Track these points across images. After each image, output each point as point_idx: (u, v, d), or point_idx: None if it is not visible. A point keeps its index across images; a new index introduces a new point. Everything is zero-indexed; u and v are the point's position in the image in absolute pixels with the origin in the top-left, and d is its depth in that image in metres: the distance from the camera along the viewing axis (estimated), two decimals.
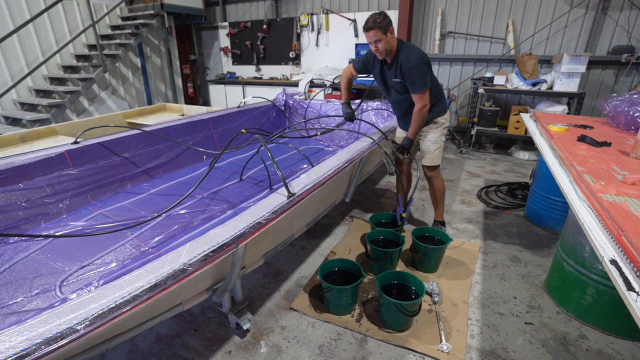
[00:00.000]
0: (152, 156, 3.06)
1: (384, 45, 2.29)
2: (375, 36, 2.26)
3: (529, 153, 5.05)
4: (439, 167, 2.72)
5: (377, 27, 2.23)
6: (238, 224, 1.37)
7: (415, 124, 2.49)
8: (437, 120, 2.61)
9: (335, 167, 2.01)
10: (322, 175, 1.87)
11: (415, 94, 2.37)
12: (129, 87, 6.75)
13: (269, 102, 4.50)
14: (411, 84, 2.35)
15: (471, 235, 2.94)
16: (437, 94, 2.57)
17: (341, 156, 2.21)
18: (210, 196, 2.83)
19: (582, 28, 4.86)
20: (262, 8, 7.09)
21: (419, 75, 2.28)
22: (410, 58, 2.29)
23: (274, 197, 1.60)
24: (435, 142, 2.64)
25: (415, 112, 2.43)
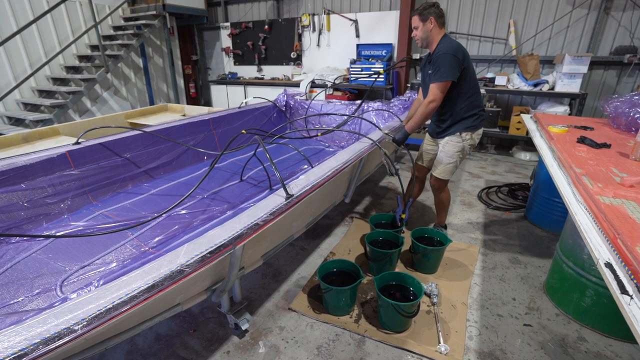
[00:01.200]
0: (153, 157, 3.07)
1: (420, 33, 2.33)
2: (414, 22, 2.35)
3: (530, 154, 5.04)
4: (447, 181, 2.64)
5: (417, 14, 2.31)
6: (236, 225, 1.38)
7: (416, 117, 2.41)
8: (462, 134, 2.46)
9: (335, 169, 2.01)
10: (321, 176, 1.88)
11: (433, 82, 2.28)
12: (131, 87, 6.78)
13: (270, 102, 4.51)
14: (434, 71, 2.27)
15: (471, 236, 2.94)
16: (473, 105, 2.41)
17: (340, 157, 2.22)
18: (211, 196, 2.84)
19: (585, 28, 4.84)
20: (263, 8, 7.10)
21: (442, 64, 2.21)
22: (443, 48, 2.26)
23: (272, 199, 1.60)
24: (451, 156, 2.52)
25: (423, 104, 2.35)
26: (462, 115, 2.44)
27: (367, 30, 6.00)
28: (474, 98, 2.45)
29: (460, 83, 2.33)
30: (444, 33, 2.37)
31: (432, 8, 2.29)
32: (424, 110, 2.35)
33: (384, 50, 5.83)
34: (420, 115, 2.39)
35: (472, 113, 2.45)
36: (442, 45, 2.29)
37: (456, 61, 2.23)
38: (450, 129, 2.50)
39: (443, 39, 2.34)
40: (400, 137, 2.54)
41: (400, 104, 4.18)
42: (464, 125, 2.46)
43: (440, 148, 2.59)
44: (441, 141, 2.58)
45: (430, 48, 2.39)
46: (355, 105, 4.49)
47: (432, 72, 2.33)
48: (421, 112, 2.38)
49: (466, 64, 2.30)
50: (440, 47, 2.30)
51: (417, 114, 2.41)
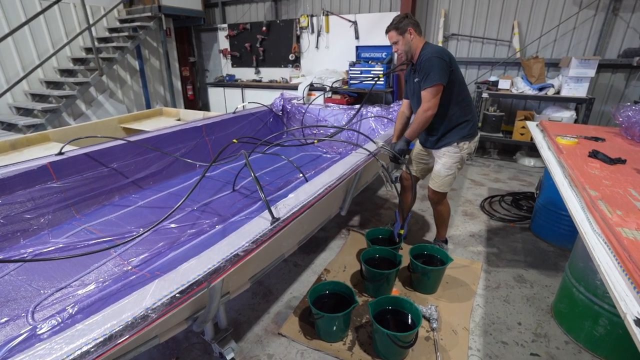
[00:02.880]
0: (141, 166, 2.95)
1: (402, 46, 2.23)
2: (392, 38, 2.26)
3: (535, 160, 4.89)
4: (446, 194, 2.52)
5: (393, 28, 2.21)
6: (213, 256, 1.25)
7: (413, 126, 2.28)
8: (460, 144, 2.34)
9: (327, 185, 1.88)
10: (313, 194, 1.75)
11: (425, 88, 2.15)
12: (127, 90, 6.67)
13: (266, 107, 4.37)
14: (423, 78, 2.16)
15: (473, 250, 2.80)
16: (465, 110, 2.30)
17: (335, 171, 2.08)
18: (201, 208, 2.72)
19: (592, 30, 4.68)
20: (261, 9, 6.97)
21: (430, 68, 2.10)
22: (428, 52, 2.15)
23: (257, 223, 1.47)
24: (449, 168, 2.38)
25: (419, 112, 2.22)
26: (456, 122, 2.32)
27: (367, 31, 5.86)
28: (466, 103, 2.33)
29: (450, 87, 2.21)
30: (424, 41, 2.27)
31: (406, 19, 2.20)
32: (421, 119, 2.23)
33: (384, 53, 5.69)
34: (417, 124, 2.27)
35: (466, 119, 2.33)
36: (426, 51, 2.19)
37: (444, 64, 2.12)
38: (446, 138, 2.36)
39: (425, 46, 2.24)
40: (401, 148, 2.39)
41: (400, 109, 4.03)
42: (460, 135, 2.33)
43: (437, 160, 2.45)
44: (437, 152, 2.45)
45: (413, 59, 2.29)
46: (354, 109, 4.36)
47: (420, 79, 2.22)
48: (418, 121, 2.25)
49: (454, 67, 2.20)
50: (424, 53, 2.19)
51: (415, 123, 2.28)
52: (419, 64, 2.19)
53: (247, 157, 1.86)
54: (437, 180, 2.46)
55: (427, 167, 2.70)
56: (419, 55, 2.23)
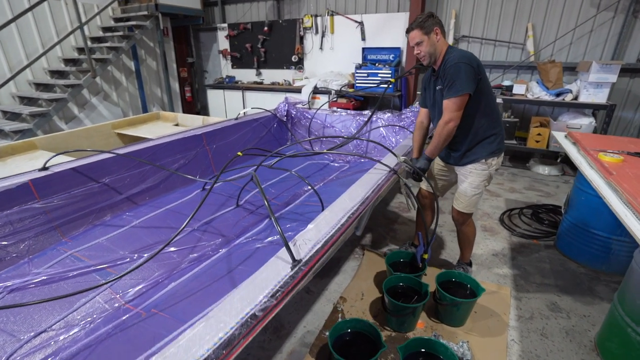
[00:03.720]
0: (136, 180, 2.70)
1: (427, 48, 1.98)
2: (415, 37, 1.98)
3: (549, 168, 4.68)
4: (471, 214, 2.29)
5: (417, 27, 1.96)
6: (225, 318, 1.00)
7: (434, 141, 2.05)
8: (488, 161, 2.11)
9: (351, 212, 1.64)
10: (335, 225, 1.51)
11: (448, 98, 1.92)
12: (122, 92, 6.39)
13: (270, 112, 4.13)
14: (447, 85, 1.92)
15: (498, 273, 2.58)
16: (492, 122, 2.08)
17: (356, 194, 1.84)
18: (202, 228, 2.47)
19: (610, 33, 4.48)
20: (262, 9, 6.72)
21: (457, 75, 1.87)
22: (454, 57, 1.92)
23: (274, 267, 1.23)
24: (476, 187, 2.17)
25: (439, 124, 1.99)
26: (482, 136, 2.09)
27: (374, 33, 5.63)
28: (494, 114, 2.10)
29: (477, 97, 1.98)
30: (447, 44, 2.04)
31: (432, 18, 1.97)
32: (442, 132, 2.00)
33: (391, 55, 5.46)
34: (438, 138, 2.04)
35: (493, 132, 2.10)
36: (451, 55, 1.95)
37: (472, 71, 1.89)
38: (471, 154, 2.13)
39: (449, 50, 2.01)
40: (423, 166, 2.17)
41: (413, 116, 3.81)
42: (488, 150, 2.10)
43: (463, 178, 2.22)
44: (462, 170, 2.22)
45: (438, 62, 2.04)
46: (363, 116, 4.12)
47: (443, 87, 1.98)
48: (439, 135, 2.02)
49: (482, 74, 1.97)
50: (448, 57, 1.95)
51: (435, 138, 2.05)
52: (443, 69, 1.96)
53: (257, 181, 1.61)
54: (462, 200, 2.23)
55: (449, 184, 2.47)
56: (442, 59, 2.01)
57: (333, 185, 3.18)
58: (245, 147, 3.78)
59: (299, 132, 4.43)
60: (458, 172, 2.27)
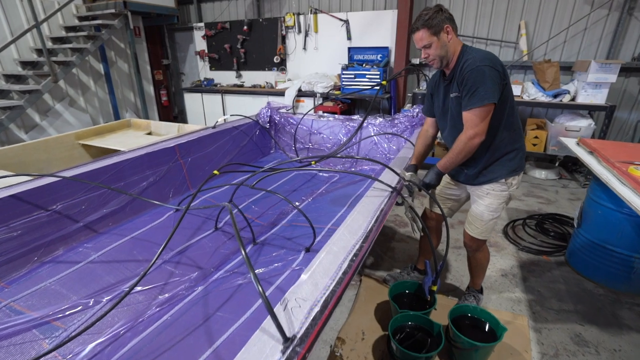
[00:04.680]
0: (96, 204, 2.31)
1: (437, 51, 1.67)
2: (422, 39, 1.67)
3: (546, 171, 4.50)
4: (486, 240, 2.02)
5: (424, 25, 1.64)
6: None
7: (451, 156, 1.73)
8: (509, 180, 1.84)
9: (354, 253, 1.33)
10: (335, 276, 1.19)
11: (470, 109, 1.62)
12: (90, 97, 5.90)
13: (251, 119, 3.78)
14: (468, 94, 1.62)
15: (511, 298, 2.32)
16: (515, 135, 1.80)
17: (356, 227, 1.52)
18: (175, 259, 2.11)
19: (604, 31, 4.34)
20: (241, 7, 6.34)
21: (480, 81, 1.57)
22: (473, 59, 1.61)
23: (257, 351, 0.90)
24: (494, 210, 1.89)
25: (461, 139, 1.68)
26: (503, 151, 1.80)
27: (360, 32, 5.35)
28: (515, 126, 1.82)
29: (501, 107, 1.69)
30: (461, 43, 1.74)
31: (441, 14, 1.65)
32: (464, 147, 1.69)
33: (379, 55, 5.19)
34: (457, 153, 1.72)
35: (515, 147, 1.83)
36: (470, 56, 1.64)
37: (497, 76, 1.59)
38: (489, 172, 1.84)
39: (465, 49, 1.71)
40: (432, 181, 1.85)
41: (407, 121, 3.53)
42: (508, 168, 1.82)
43: (478, 199, 1.93)
44: (477, 190, 1.93)
45: (448, 66, 1.75)
46: (352, 121, 3.82)
47: (462, 94, 1.67)
48: (459, 150, 1.70)
49: (507, 79, 1.68)
50: (467, 59, 1.64)
51: (454, 152, 1.73)
52: (460, 73, 1.66)
53: (232, 215, 1.28)
54: (477, 225, 1.95)
55: (458, 204, 2.19)
56: (456, 61, 1.71)
57: (323, 202, 2.87)
58: (225, 158, 3.43)
59: (283, 140, 4.10)
60: (471, 192, 1.99)
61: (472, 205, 1.97)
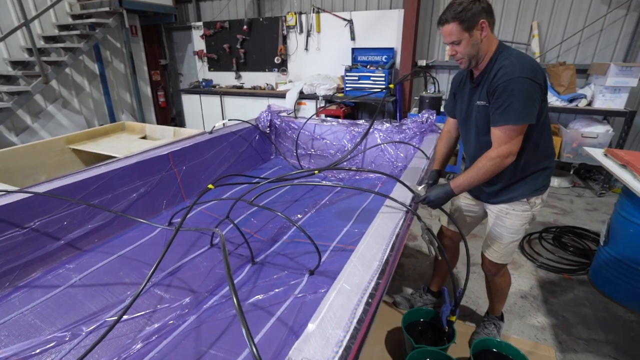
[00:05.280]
0: (79, 219, 2.11)
1: (467, 49, 1.44)
2: (451, 34, 1.43)
3: (560, 179, 4.30)
4: (507, 264, 1.83)
5: (456, 18, 1.39)
6: None
7: (473, 173, 1.50)
8: (531, 200, 1.65)
9: (369, 291, 1.12)
10: (349, 324, 0.99)
11: (501, 125, 1.41)
12: (84, 98, 5.70)
13: (250, 124, 3.57)
14: (500, 107, 1.40)
15: (534, 324, 2.12)
16: (546, 153, 1.61)
17: (370, 256, 1.32)
18: (166, 281, 1.91)
19: (622, 32, 4.13)
20: (241, 6, 6.14)
21: (517, 95, 1.35)
22: (512, 66, 1.38)
23: None
24: (516, 232, 1.70)
25: (489, 157, 1.46)
26: (530, 170, 1.60)
27: (365, 32, 5.15)
28: (548, 143, 1.62)
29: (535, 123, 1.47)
30: (497, 41, 1.50)
31: (477, 4, 1.39)
32: (490, 167, 1.47)
33: (384, 56, 4.99)
34: (483, 172, 1.49)
35: (545, 166, 1.62)
36: (507, 61, 1.40)
37: (537, 90, 1.38)
38: (510, 191, 1.64)
39: (501, 50, 1.47)
40: (438, 199, 1.59)
41: (415, 127, 3.32)
42: (531, 187, 1.62)
43: (497, 220, 1.73)
44: (495, 209, 1.73)
45: (480, 65, 1.52)
46: (357, 125, 3.62)
47: (491, 106, 1.46)
48: (486, 168, 1.48)
49: (546, 92, 1.47)
50: (503, 64, 1.41)
51: (478, 169, 1.50)
52: (493, 82, 1.43)
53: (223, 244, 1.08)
54: (497, 248, 1.75)
55: (475, 221, 1.99)
56: (488, 63, 1.48)
57: (327, 214, 2.66)
58: (223, 165, 3.23)
59: (284, 145, 3.90)
60: (489, 211, 1.79)
61: (491, 227, 1.77)
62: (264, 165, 3.72)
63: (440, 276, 2.20)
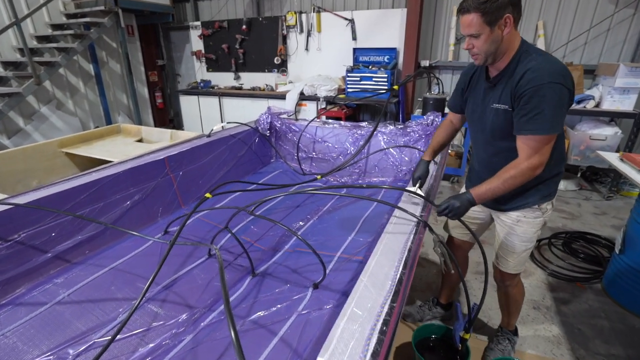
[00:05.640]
0: (70, 230, 2.00)
1: (485, 45, 1.30)
2: (470, 26, 1.28)
3: (566, 182, 4.20)
4: (520, 274, 1.74)
5: (478, 9, 1.24)
6: None
7: (500, 183, 1.36)
8: (542, 206, 1.56)
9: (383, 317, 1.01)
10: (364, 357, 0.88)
11: (531, 134, 1.29)
12: (79, 99, 5.58)
13: (249, 127, 3.46)
14: (528, 114, 1.28)
15: (547, 337, 2.02)
16: (558, 160, 1.51)
17: (382, 276, 1.21)
18: (161, 296, 1.80)
19: (629, 32, 4.04)
20: (240, 5, 6.03)
21: (550, 103, 1.24)
22: (541, 70, 1.26)
23: None
24: (529, 240, 1.62)
25: (518, 167, 1.34)
26: (545, 177, 1.49)
27: (366, 31, 5.04)
28: (561, 147, 1.52)
29: None
30: (520, 38, 1.37)
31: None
32: (520, 178, 1.35)
33: (386, 56, 4.89)
34: (511, 183, 1.36)
35: (557, 172, 1.54)
36: (534, 63, 1.28)
37: (568, 96, 1.28)
38: (522, 198, 1.54)
39: (524, 48, 1.35)
40: (459, 208, 1.45)
41: (420, 129, 3.21)
42: (542, 193, 1.53)
43: (507, 229, 1.64)
44: (504, 217, 1.63)
45: (498, 64, 1.39)
46: (360, 128, 3.51)
47: (517, 111, 1.33)
48: (513, 179, 1.35)
49: (573, 97, 1.35)
50: (529, 67, 1.28)
51: (506, 180, 1.36)
52: (518, 85, 1.30)
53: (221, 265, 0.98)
54: (510, 258, 1.66)
55: (481, 228, 1.88)
56: (510, 62, 1.36)
57: (330, 221, 2.55)
58: (221, 169, 3.12)
59: (284, 148, 3.79)
60: (497, 219, 1.69)
61: (501, 236, 1.68)
62: (264, 169, 3.61)
63: (449, 287, 2.10)
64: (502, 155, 1.47)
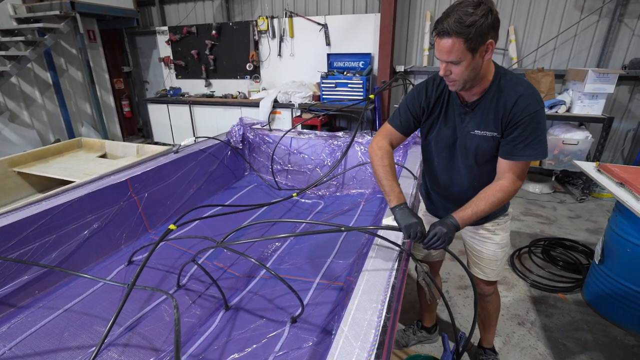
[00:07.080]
0: (14, 269, 1.77)
1: (465, 72, 1.19)
2: (450, 52, 1.15)
3: (541, 185, 4.26)
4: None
5: (461, 34, 1.11)
6: None
7: (481, 206, 1.31)
8: (508, 210, 1.64)
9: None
10: None
11: (523, 159, 1.27)
12: (36, 110, 5.20)
13: (220, 141, 3.27)
14: (524, 141, 1.24)
15: (535, 357, 1.98)
16: None
17: (365, 324, 1.10)
18: (123, 338, 1.63)
19: (594, 38, 4.14)
20: (209, 9, 5.81)
21: (542, 129, 1.25)
22: (531, 96, 1.23)
23: None
24: (506, 245, 1.65)
25: (502, 188, 1.31)
26: None
27: (340, 37, 4.95)
28: None
29: None
30: (494, 63, 1.32)
31: (489, 17, 1.11)
32: (503, 199, 1.32)
33: (361, 62, 4.82)
34: (496, 203, 1.31)
35: None
36: (520, 87, 1.24)
37: None
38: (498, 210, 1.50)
39: (500, 74, 1.29)
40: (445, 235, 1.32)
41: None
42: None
43: (483, 239, 1.64)
44: (480, 230, 1.62)
45: (475, 89, 1.30)
46: (336, 138, 3.40)
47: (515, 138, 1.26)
48: (499, 200, 1.31)
49: None
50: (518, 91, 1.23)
51: (491, 202, 1.31)
52: (515, 112, 1.23)
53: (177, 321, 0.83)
54: (493, 266, 1.66)
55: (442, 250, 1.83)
56: (489, 87, 1.28)
57: (308, 240, 2.43)
58: (190, 188, 2.93)
59: (259, 160, 3.63)
60: (470, 234, 1.67)
61: (478, 248, 1.66)
62: (237, 183, 3.44)
63: (429, 310, 2.04)
64: (485, 178, 1.44)
